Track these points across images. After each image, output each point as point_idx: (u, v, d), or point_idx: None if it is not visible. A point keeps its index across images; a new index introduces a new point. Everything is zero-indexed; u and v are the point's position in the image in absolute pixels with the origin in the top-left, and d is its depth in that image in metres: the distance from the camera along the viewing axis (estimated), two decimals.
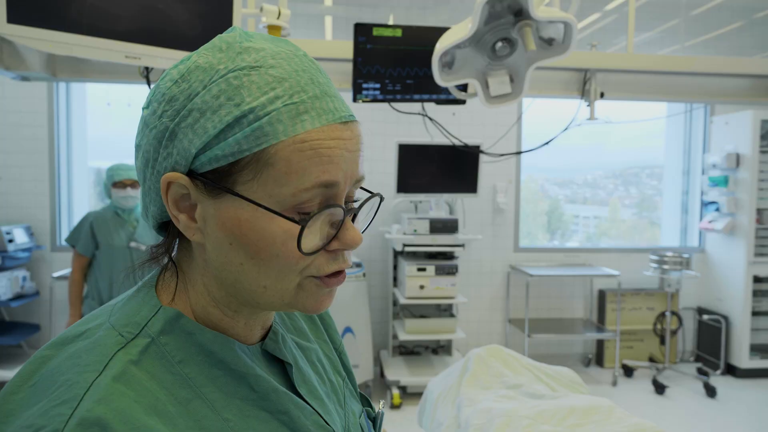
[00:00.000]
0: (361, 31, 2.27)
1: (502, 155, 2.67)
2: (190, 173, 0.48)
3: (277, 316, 0.62)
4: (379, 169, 4.12)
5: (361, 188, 0.54)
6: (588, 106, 2.70)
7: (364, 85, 2.30)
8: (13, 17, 1.39)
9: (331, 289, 0.52)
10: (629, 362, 4.16)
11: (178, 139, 0.47)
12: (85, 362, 0.44)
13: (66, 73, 2.45)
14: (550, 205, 5.16)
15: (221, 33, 0.50)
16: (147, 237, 2.76)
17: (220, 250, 0.49)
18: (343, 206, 0.49)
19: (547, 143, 2.74)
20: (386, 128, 4.09)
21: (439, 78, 2.05)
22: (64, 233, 3.98)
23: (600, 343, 4.37)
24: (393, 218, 4.07)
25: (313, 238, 0.48)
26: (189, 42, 1.86)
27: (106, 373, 0.43)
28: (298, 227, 0.46)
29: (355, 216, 0.52)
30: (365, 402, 0.70)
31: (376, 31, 2.28)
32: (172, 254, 0.53)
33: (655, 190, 5.14)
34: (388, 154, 4.03)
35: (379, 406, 0.71)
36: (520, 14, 1.96)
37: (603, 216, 5.22)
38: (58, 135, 3.94)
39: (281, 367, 0.57)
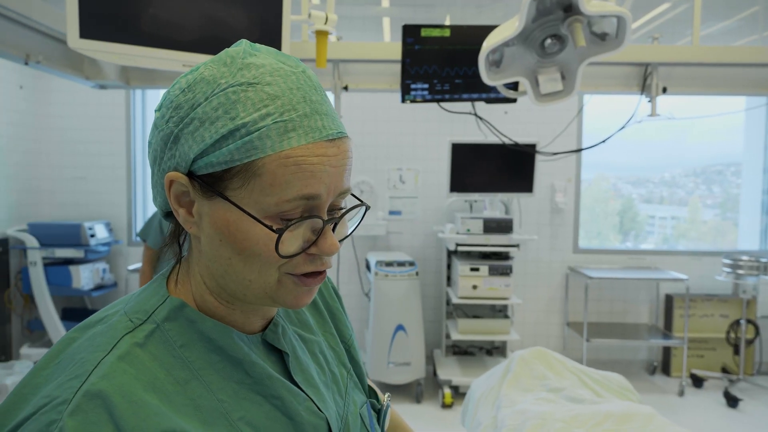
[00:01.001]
0: (410, 32, 2.29)
1: (555, 154, 2.60)
2: (190, 174, 0.53)
3: (282, 309, 0.66)
4: (433, 168, 4.12)
5: (352, 195, 0.57)
6: (649, 101, 2.58)
7: (413, 86, 2.32)
8: (84, 33, 1.53)
9: (310, 287, 0.56)
10: (699, 372, 3.93)
11: (180, 143, 0.52)
12: (97, 343, 0.51)
13: (138, 81, 2.65)
14: (623, 204, 4.94)
15: (275, 40, 0.55)
16: None
17: (212, 245, 0.54)
18: (323, 217, 0.53)
19: (603, 141, 2.64)
20: (441, 127, 4.09)
21: (486, 77, 2.04)
22: (139, 229, 4.28)
23: (667, 351, 4.15)
24: (447, 218, 4.06)
25: (293, 242, 0.53)
26: None
27: (113, 353, 0.49)
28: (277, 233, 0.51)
29: (335, 225, 0.55)
30: (373, 394, 0.73)
31: (424, 32, 2.30)
32: (182, 245, 0.60)
33: (740, 189, 4.79)
34: (442, 153, 4.02)
35: (384, 398, 0.74)
36: (570, 10, 1.91)
37: (681, 217, 4.93)
38: (134, 138, 4.25)
39: (280, 356, 0.61)
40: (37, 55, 2.11)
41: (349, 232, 0.59)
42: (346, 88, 2.47)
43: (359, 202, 0.59)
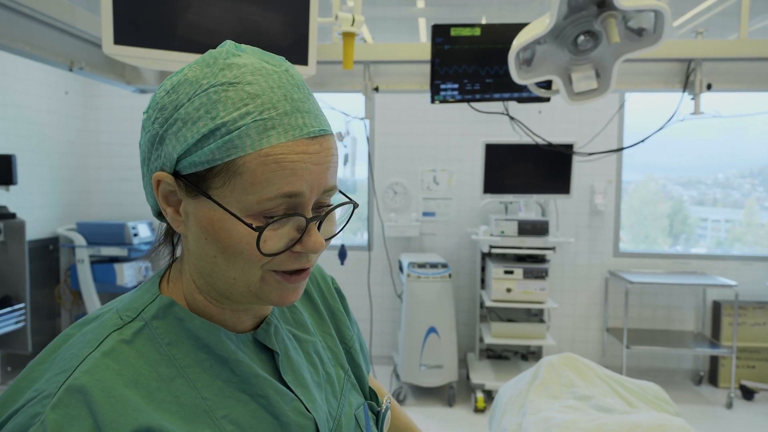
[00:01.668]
0: (439, 32, 2.27)
1: (590, 154, 2.52)
2: (175, 174, 0.54)
3: (277, 308, 0.66)
4: (468, 169, 4.07)
5: (341, 192, 0.57)
6: (692, 99, 2.47)
7: (442, 86, 2.30)
8: (119, 39, 1.58)
9: (295, 285, 0.56)
10: (749, 383, 3.72)
11: (165, 143, 0.53)
12: (87, 340, 0.52)
13: None
14: (673, 207, 4.74)
15: (306, 43, 0.55)
16: None
17: (198, 243, 0.55)
18: (306, 215, 0.53)
19: (642, 141, 2.55)
20: (475, 128, 4.03)
21: (517, 76, 2.00)
22: None
23: (714, 360, 3.96)
24: (481, 219, 4.01)
25: (277, 240, 0.52)
26: (282, 52, 1.95)
27: (99, 349, 0.51)
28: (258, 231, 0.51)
29: (321, 222, 0.55)
30: (373, 397, 0.72)
31: (454, 32, 2.27)
32: (176, 245, 0.60)
33: None
34: (477, 154, 3.97)
35: (383, 401, 0.72)
36: (604, 5, 1.85)
37: (737, 219, 4.69)
38: None
39: (271, 356, 0.61)
40: (81, 61, 2.20)
41: (337, 231, 0.58)
42: (376, 89, 2.48)
43: (348, 200, 0.58)
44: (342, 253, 3.12)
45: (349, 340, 0.73)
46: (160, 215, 0.60)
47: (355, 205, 0.58)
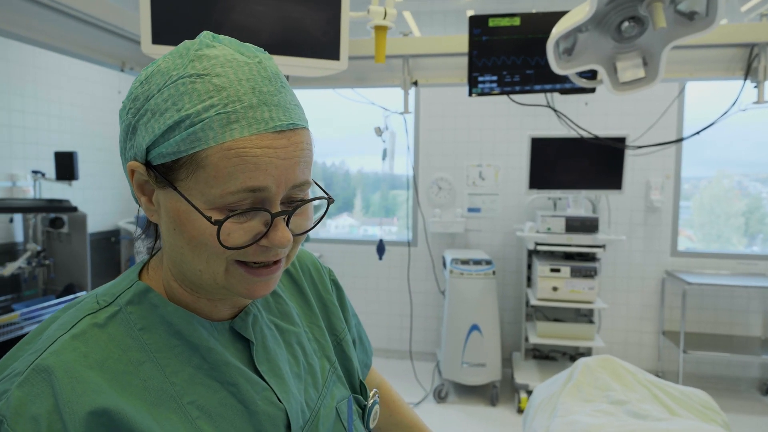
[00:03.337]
0: (476, 23, 2.22)
1: (640, 147, 2.39)
2: (147, 164, 0.55)
3: (262, 299, 0.66)
4: (515, 164, 3.97)
5: (317, 185, 0.56)
6: (755, 87, 2.30)
7: (480, 78, 2.25)
8: (156, 39, 1.65)
9: (263, 278, 0.55)
10: None
11: (137, 134, 0.54)
12: (63, 322, 0.55)
13: None
14: (749, 204, 4.44)
15: (340, 38, 0.55)
16: None
17: (168, 233, 0.55)
18: (271, 210, 0.52)
19: (697, 133, 2.40)
20: (523, 122, 3.92)
21: (556, 66, 1.93)
22: None
23: None
24: (527, 215, 3.90)
25: (243, 234, 0.52)
26: (323, 48, 1.95)
27: (70, 332, 0.53)
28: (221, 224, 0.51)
29: (289, 217, 0.54)
30: (363, 391, 0.71)
31: (492, 22, 2.22)
32: (159, 233, 0.62)
33: None
34: (524, 149, 3.87)
35: (371, 395, 0.71)
36: None
37: None
38: None
39: (247, 345, 0.62)
40: (131, 62, 2.32)
41: (310, 226, 0.57)
42: (415, 83, 2.46)
43: (324, 196, 0.57)
44: (380, 248, 3.12)
45: (340, 332, 0.72)
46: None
47: (330, 201, 0.57)
